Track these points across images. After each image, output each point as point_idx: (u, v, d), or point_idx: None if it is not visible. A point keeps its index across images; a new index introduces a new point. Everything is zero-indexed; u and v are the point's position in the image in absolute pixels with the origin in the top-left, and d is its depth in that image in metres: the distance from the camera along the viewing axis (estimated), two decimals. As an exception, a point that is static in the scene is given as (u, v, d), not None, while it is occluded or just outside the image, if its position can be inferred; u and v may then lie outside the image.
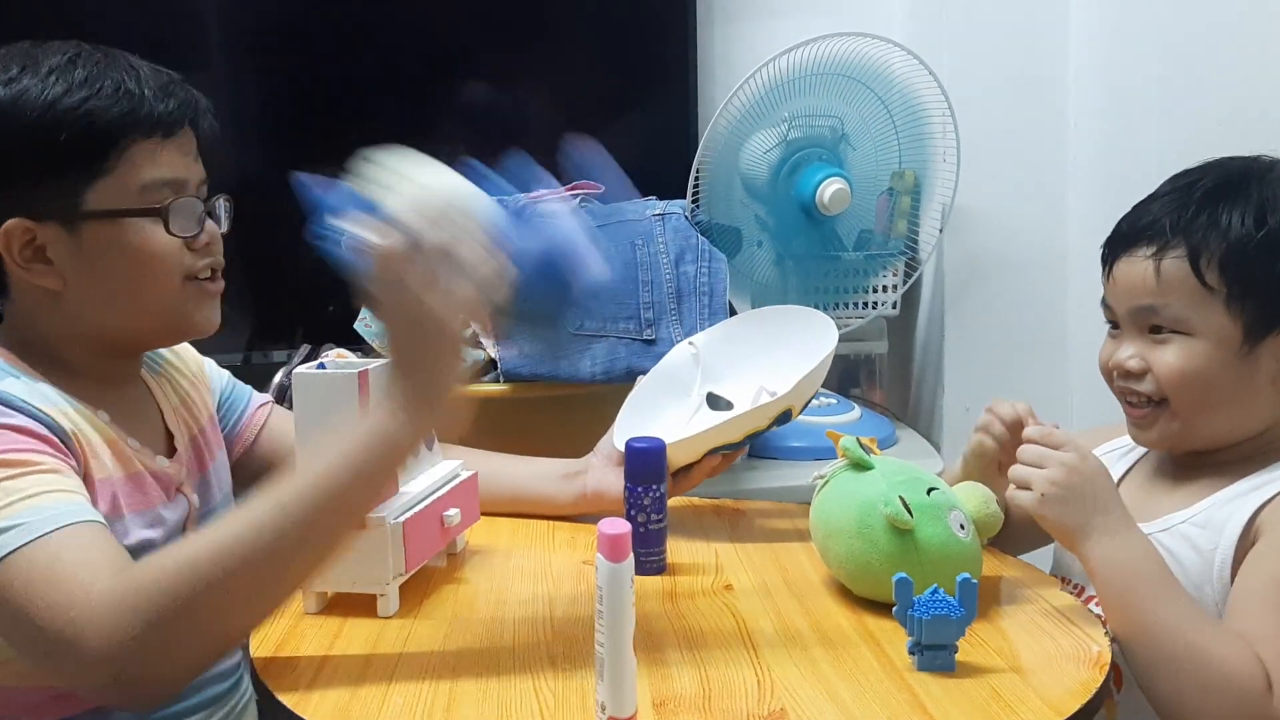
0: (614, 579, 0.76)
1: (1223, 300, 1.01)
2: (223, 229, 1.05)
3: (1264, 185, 1.02)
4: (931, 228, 1.81)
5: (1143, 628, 0.93)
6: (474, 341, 0.88)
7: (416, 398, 0.87)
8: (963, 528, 0.98)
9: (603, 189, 1.76)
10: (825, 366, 1.15)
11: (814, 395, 1.17)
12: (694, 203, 1.71)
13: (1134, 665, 0.94)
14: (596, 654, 0.77)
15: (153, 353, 1.12)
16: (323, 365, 1.00)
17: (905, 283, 1.82)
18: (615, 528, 0.76)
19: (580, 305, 0.88)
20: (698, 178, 1.71)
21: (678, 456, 1.15)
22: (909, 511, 0.95)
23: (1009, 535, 1.13)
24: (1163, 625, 0.92)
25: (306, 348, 1.76)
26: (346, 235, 0.87)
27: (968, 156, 1.74)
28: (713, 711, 0.81)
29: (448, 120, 1.97)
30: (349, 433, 0.88)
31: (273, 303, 1.78)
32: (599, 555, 0.76)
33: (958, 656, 0.86)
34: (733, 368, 1.28)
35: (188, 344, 1.17)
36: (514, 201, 0.93)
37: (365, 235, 0.86)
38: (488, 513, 1.15)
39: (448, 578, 1.06)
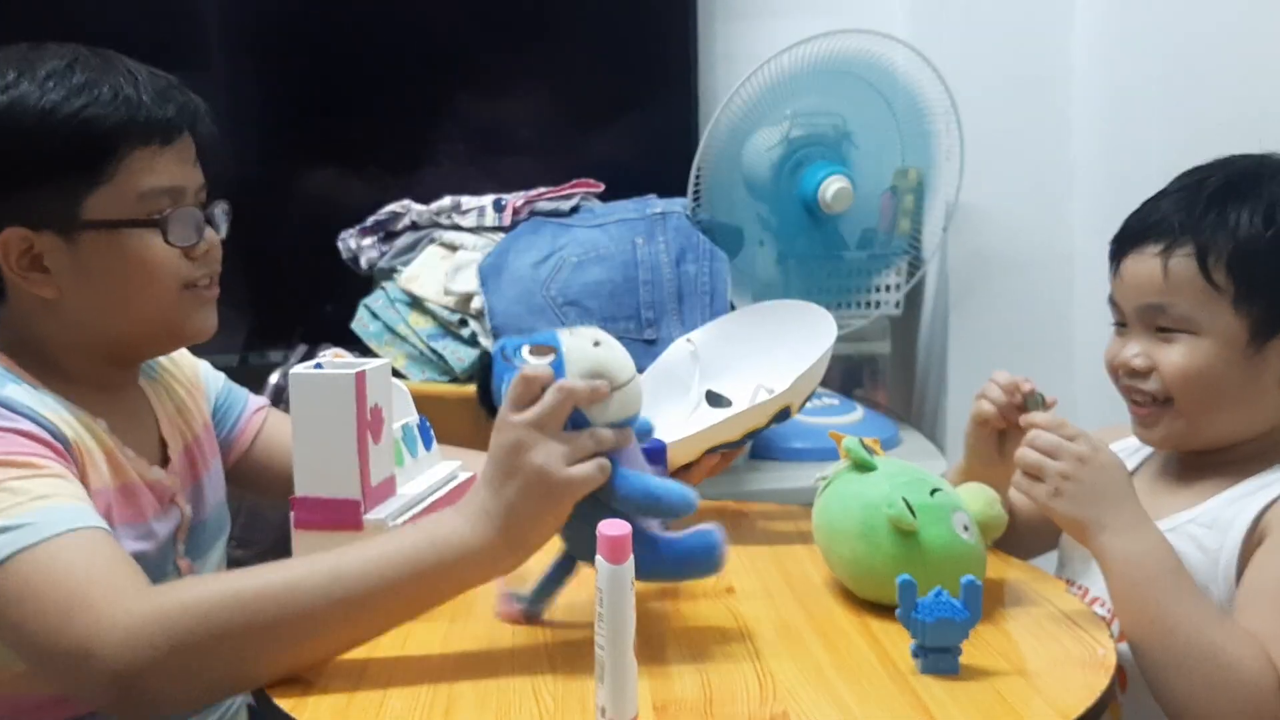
0: (614, 581, 0.75)
1: (1230, 300, 1.00)
2: (221, 235, 1.04)
3: (1274, 184, 1.02)
4: (935, 226, 1.80)
5: (1155, 624, 0.92)
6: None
7: (502, 521, 0.86)
8: (966, 529, 0.97)
9: (602, 187, 1.76)
10: (824, 363, 1.14)
11: (813, 392, 1.16)
12: (695, 201, 1.71)
13: (1144, 662, 0.93)
14: (597, 657, 0.76)
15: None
16: (320, 365, 0.99)
17: (908, 282, 1.81)
18: (616, 529, 0.76)
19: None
20: (699, 176, 1.70)
21: (677, 456, 1.15)
22: (912, 513, 0.94)
23: (1014, 537, 1.12)
24: (1176, 622, 0.91)
25: (303, 347, 1.75)
26: (517, 356, 0.90)
27: (971, 154, 1.74)
28: (714, 715, 0.80)
29: (448, 120, 1.97)
30: (428, 524, 0.88)
31: (269, 303, 1.78)
32: (599, 557, 0.76)
33: (962, 659, 0.86)
34: (731, 364, 1.27)
35: (184, 348, 1.16)
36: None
37: (525, 357, 0.89)
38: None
39: (446, 579, 1.05)
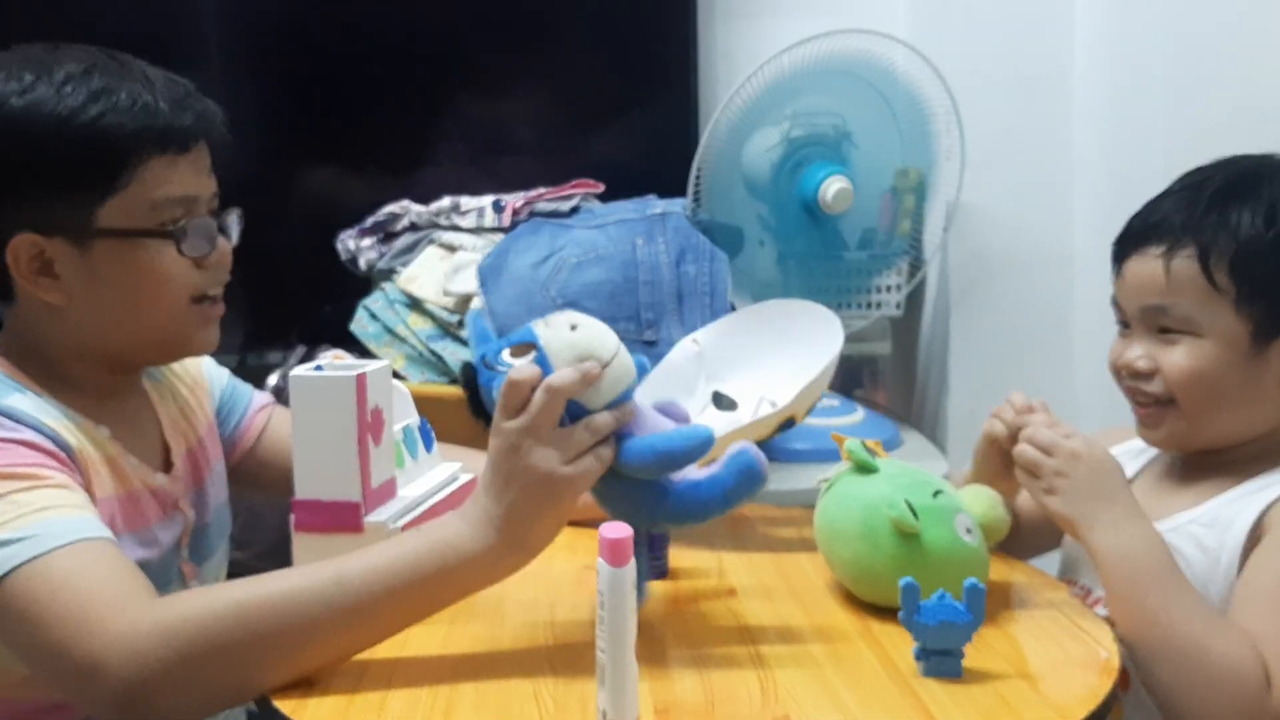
0: (615, 583, 0.75)
1: (1231, 301, 1.01)
2: (233, 243, 1.04)
3: (1275, 185, 1.02)
4: (936, 227, 1.80)
5: (1146, 619, 0.93)
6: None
7: (504, 524, 0.86)
8: (969, 531, 0.97)
9: (602, 188, 1.76)
10: (829, 373, 1.13)
11: (817, 400, 1.16)
12: (695, 202, 1.70)
13: (1135, 657, 0.94)
14: (597, 660, 0.76)
15: None
16: (320, 367, 0.99)
17: (909, 282, 1.81)
18: (617, 532, 0.76)
19: (669, 515, 0.90)
20: (699, 176, 1.70)
21: None
22: (915, 515, 0.94)
23: (1016, 540, 1.12)
24: (1166, 618, 0.92)
25: (302, 349, 1.75)
26: (499, 360, 0.89)
27: (972, 154, 1.73)
28: (715, 717, 0.80)
29: (447, 120, 1.97)
30: (430, 529, 0.88)
31: (268, 304, 1.77)
32: (600, 560, 0.76)
33: (964, 662, 0.85)
34: (737, 365, 1.26)
35: None
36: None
37: (507, 360, 0.88)
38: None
39: (447, 581, 1.05)
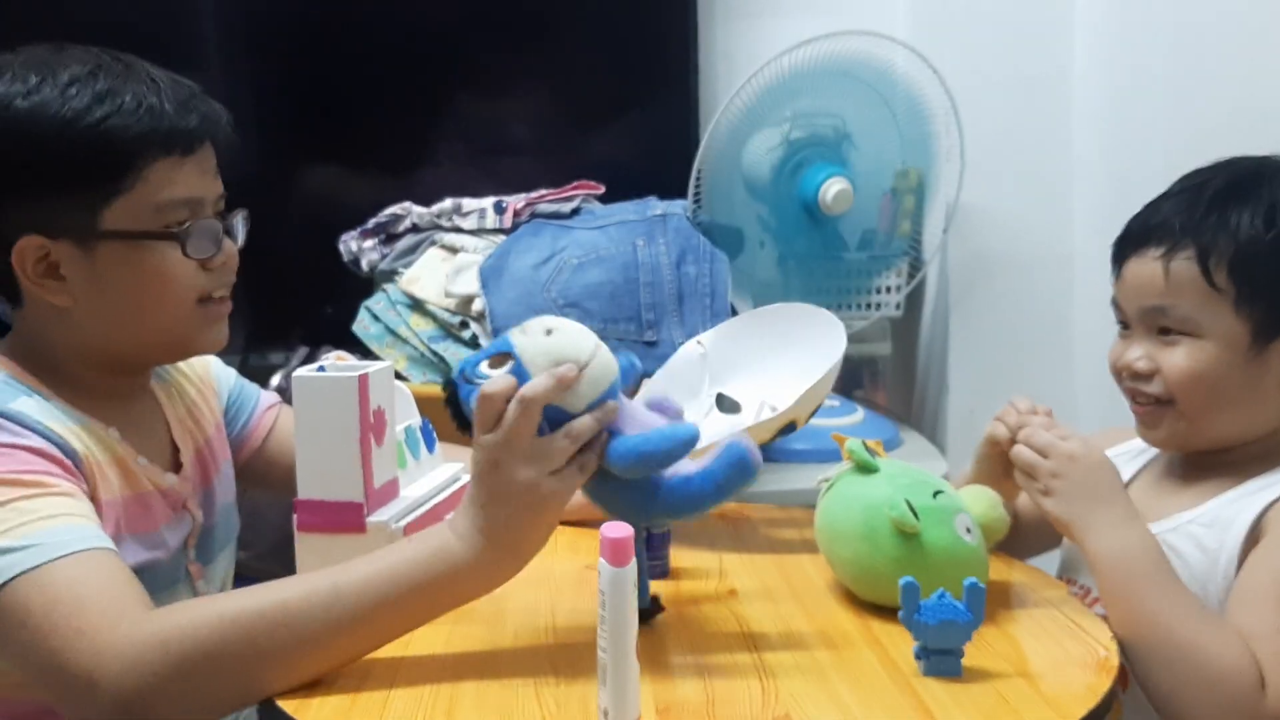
0: (616, 583, 0.75)
1: (1231, 302, 1.01)
2: (239, 244, 1.04)
3: (1275, 186, 1.02)
4: (935, 227, 1.80)
5: (1140, 620, 0.93)
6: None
7: (493, 534, 0.85)
8: (969, 531, 0.97)
9: (602, 189, 1.76)
10: (831, 378, 1.13)
11: (819, 405, 1.16)
12: (695, 203, 1.70)
13: (1131, 658, 0.94)
14: (599, 660, 0.77)
15: None
16: (322, 368, 0.99)
17: (909, 283, 1.81)
18: (618, 532, 0.76)
19: (664, 509, 0.89)
20: (699, 178, 1.70)
21: None
22: (915, 515, 0.94)
23: (1016, 539, 1.12)
24: (1160, 619, 0.93)
25: (304, 349, 1.75)
26: (477, 374, 0.88)
27: (972, 155, 1.73)
28: (716, 717, 0.80)
29: (449, 121, 1.97)
30: (423, 539, 0.87)
31: (270, 305, 1.77)
32: (601, 560, 0.76)
33: (964, 661, 0.86)
34: (741, 368, 1.26)
35: None
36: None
37: (485, 372, 0.87)
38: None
39: (448, 582, 1.05)
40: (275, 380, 1.54)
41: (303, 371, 0.97)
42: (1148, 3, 1.65)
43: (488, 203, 1.71)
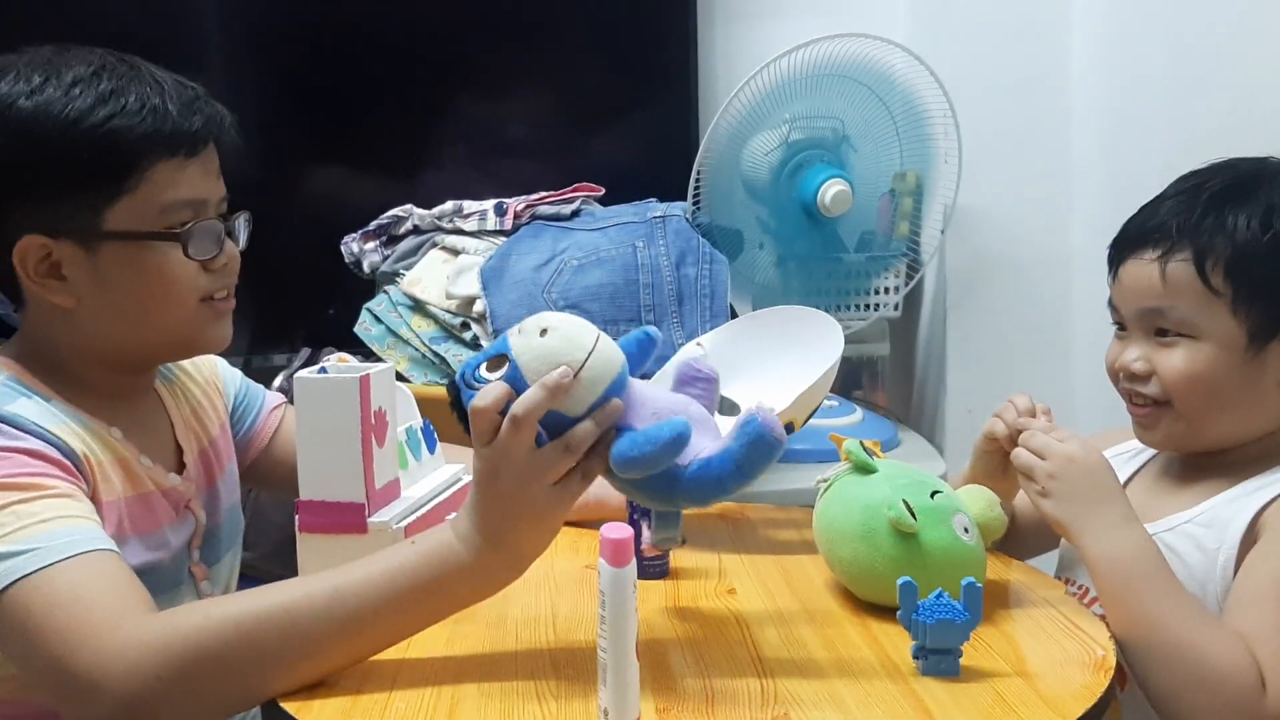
0: (616, 584, 0.76)
1: (1228, 304, 1.01)
2: (241, 246, 1.04)
3: (1272, 188, 1.02)
4: (933, 229, 1.80)
5: (1139, 622, 0.93)
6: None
7: (493, 540, 0.85)
8: (967, 531, 0.97)
9: (602, 191, 1.77)
10: (828, 380, 1.13)
11: (818, 407, 1.16)
12: (695, 205, 1.71)
13: (1130, 659, 0.94)
14: (599, 659, 0.77)
15: None
16: (324, 369, 0.99)
17: (907, 284, 1.82)
18: (618, 532, 0.76)
19: (685, 494, 0.87)
20: (699, 179, 1.71)
21: None
22: (913, 515, 0.95)
23: (1014, 539, 1.13)
24: (1158, 620, 0.93)
25: (306, 351, 1.76)
26: (475, 378, 0.86)
27: (970, 157, 1.74)
28: (715, 716, 0.80)
29: (450, 124, 1.98)
30: (424, 540, 0.87)
31: (273, 306, 1.77)
32: (601, 560, 0.76)
33: (962, 661, 0.86)
34: (739, 370, 1.26)
35: None
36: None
37: (485, 376, 0.85)
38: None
39: (449, 582, 1.06)
40: (278, 382, 1.55)
41: (304, 373, 0.98)
42: (1145, 5, 1.65)
43: (488, 204, 1.72)
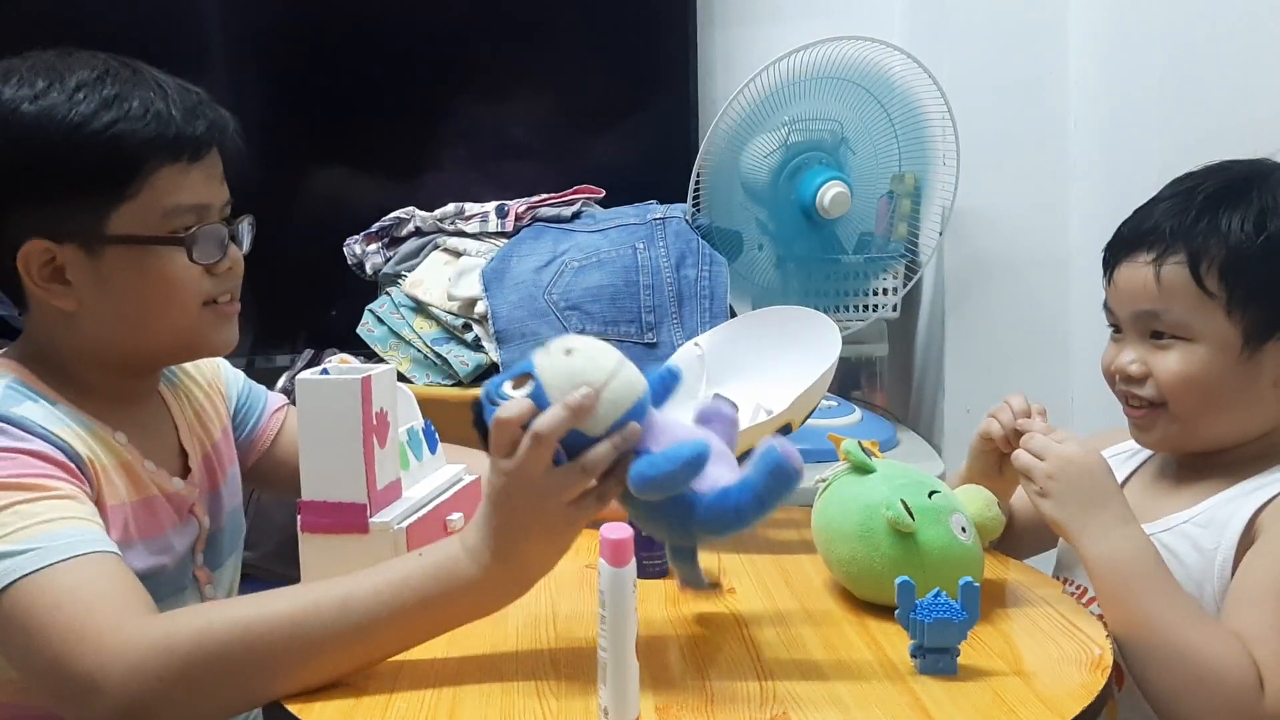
0: (616, 583, 0.76)
1: (1223, 306, 1.01)
2: (245, 250, 1.04)
3: (1265, 190, 1.02)
4: (931, 230, 1.81)
5: (1137, 623, 0.94)
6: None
7: (503, 557, 0.85)
8: (964, 531, 0.98)
9: (603, 193, 1.77)
10: (826, 380, 1.13)
11: (815, 408, 1.17)
12: (695, 206, 1.72)
13: (1128, 660, 0.95)
14: (599, 659, 0.77)
15: None
16: (326, 371, 1.00)
17: (905, 285, 1.82)
18: (617, 532, 0.76)
19: (704, 528, 0.85)
20: (698, 181, 1.71)
21: None
22: (911, 515, 0.95)
23: (1012, 538, 1.13)
24: (1157, 621, 0.93)
25: (309, 352, 1.76)
26: (498, 394, 0.86)
27: (967, 159, 1.74)
28: (715, 715, 0.81)
29: (451, 126, 1.98)
30: (432, 553, 0.87)
31: (275, 308, 1.78)
32: (601, 560, 0.76)
33: (960, 660, 0.86)
34: (737, 370, 1.27)
35: None
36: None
37: (509, 393, 0.85)
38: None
39: (450, 582, 1.06)
40: (281, 383, 1.55)
41: (307, 374, 0.98)
42: (1142, 7, 1.65)
43: (490, 206, 1.72)
